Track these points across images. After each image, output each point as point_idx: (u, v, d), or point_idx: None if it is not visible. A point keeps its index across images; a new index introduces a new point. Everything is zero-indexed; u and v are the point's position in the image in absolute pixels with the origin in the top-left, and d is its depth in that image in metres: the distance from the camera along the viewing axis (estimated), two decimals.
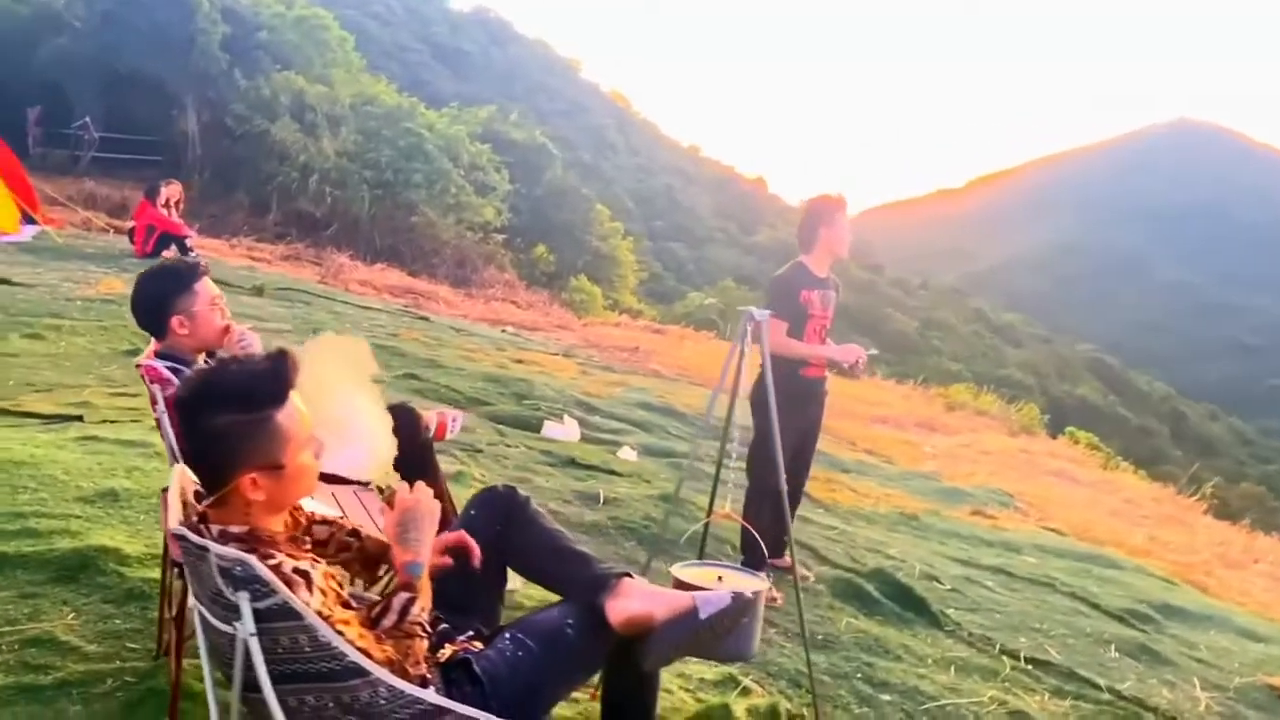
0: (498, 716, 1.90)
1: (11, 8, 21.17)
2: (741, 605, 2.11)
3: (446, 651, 2.03)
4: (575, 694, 2.65)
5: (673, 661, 2.19)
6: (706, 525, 3.46)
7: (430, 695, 1.82)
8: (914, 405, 16.52)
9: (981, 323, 65.67)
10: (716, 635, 2.13)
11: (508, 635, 2.06)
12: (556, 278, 25.12)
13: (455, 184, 21.10)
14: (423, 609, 1.89)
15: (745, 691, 3.29)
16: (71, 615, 2.90)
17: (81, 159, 21.65)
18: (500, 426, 6.63)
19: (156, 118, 22.25)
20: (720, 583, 2.88)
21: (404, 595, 1.88)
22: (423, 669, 1.85)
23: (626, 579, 2.15)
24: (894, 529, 6.57)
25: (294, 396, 1.79)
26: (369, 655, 1.74)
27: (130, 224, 11.85)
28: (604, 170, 56.26)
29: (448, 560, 2.18)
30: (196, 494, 1.85)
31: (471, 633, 2.13)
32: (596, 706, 2.42)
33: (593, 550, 2.30)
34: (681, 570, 3.00)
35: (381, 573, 2.29)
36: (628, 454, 6.70)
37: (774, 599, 4.20)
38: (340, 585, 1.83)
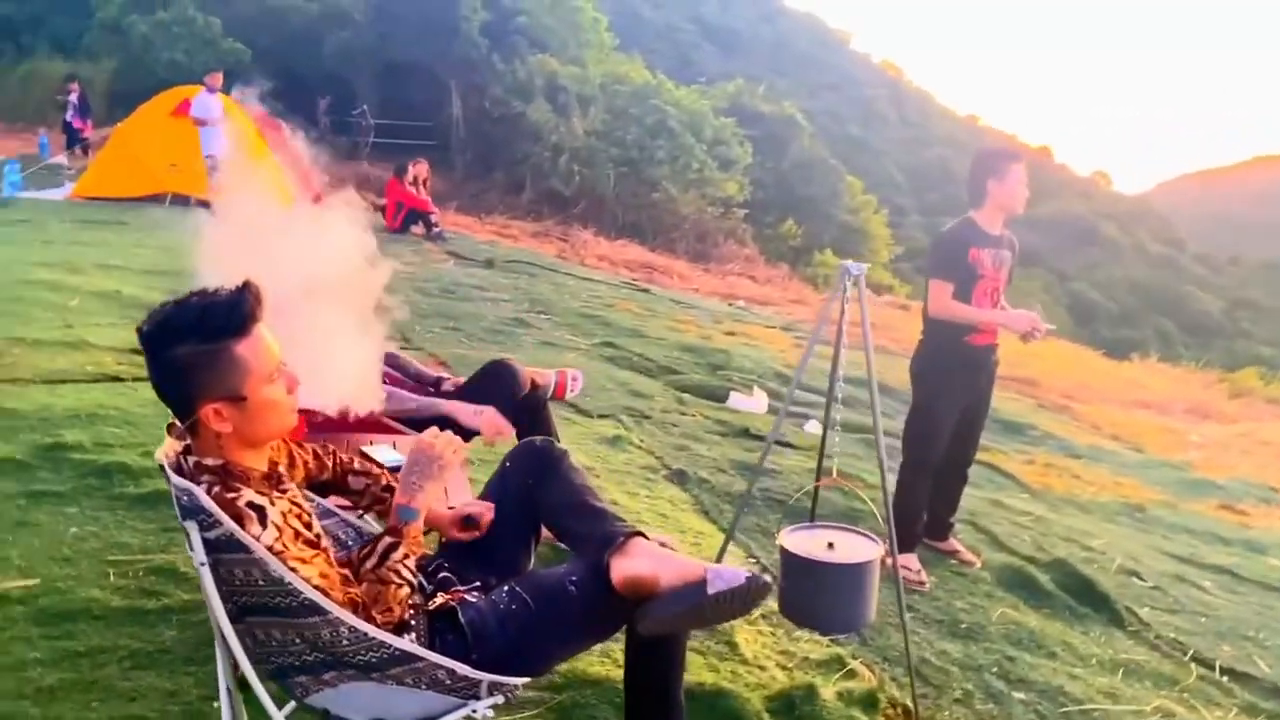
0: (476, 668, 1.85)
1: (303, 6, 23.26)
2: (756, 588, 1.93)
3: (439, 600, 1.99)
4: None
5: (672, 631, 2.03)
6: (816, 490, 3.23)
7: (395, 640, 1.79)
8: (1187, 389, 14.98)
9: None
10: (722, 613, 1.97)
11: (506, 588, 2.00)
12: (803, 252, 24.67)
13: (698, 159, 21.16)
14: (406, 555, 1.87)
15: (850, 674, 3.06)
16: None
17: (360, 144, 23.50)
18: (683, 395, 6.57)
19: (428, 104, 23.76)
20: (831, 549, 2.70)
21: (387, 540, 1.87)
22: (394, 615, 1.82)
23: (638, 539, 2.03)
24: (1111, 519, 5.97)
25: (260, 329, 1.78)
26: (327, 595, 1.73)
27: (382, 201, 12.73)
28: (873, 143, 54.61)
29: (462, 535, 2.17)
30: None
31: (478, 584, 2.09)
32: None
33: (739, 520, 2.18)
34: (789, 535, 2.83)
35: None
36: (814, 428, 6.46)
37: (921, 583, 3.90)
38: (308, 525, 1.82)
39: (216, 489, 1.70)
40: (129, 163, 12.01)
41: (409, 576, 1.87)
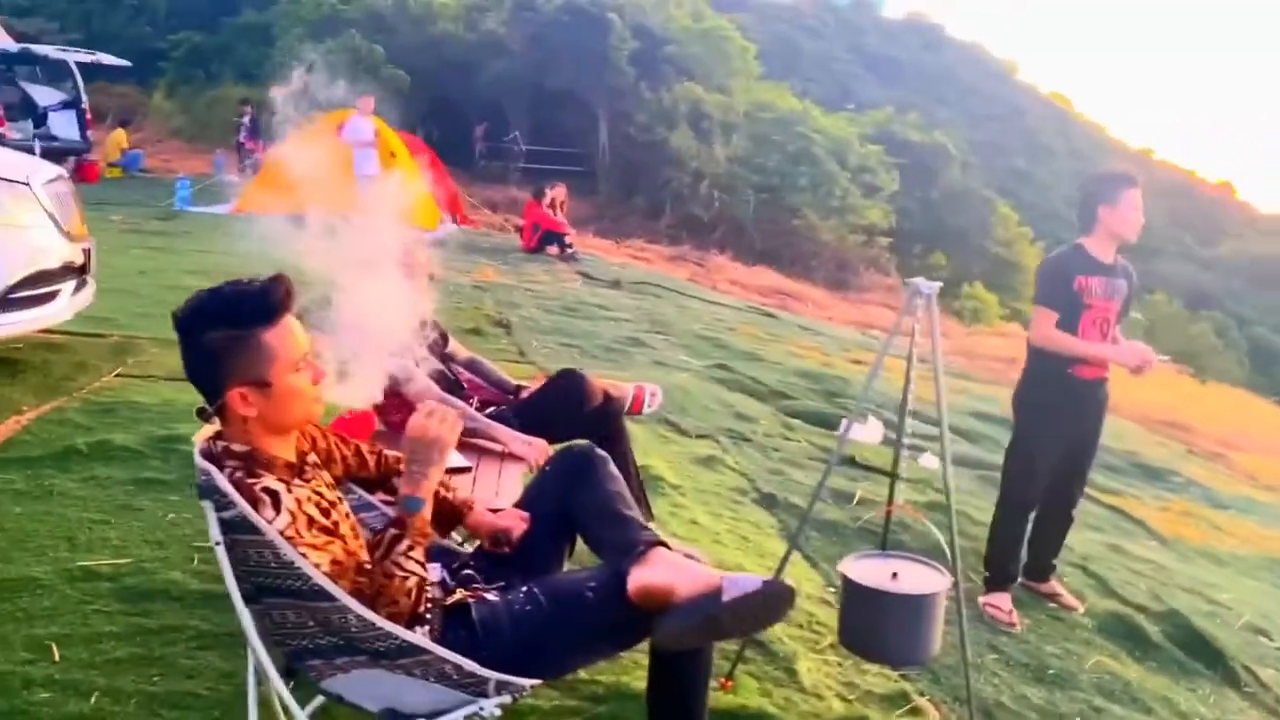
0: (484, 666, 1.86)
1: (461, 35, 24.18)
2: (774, 595, 1.88)
3: (457, 596, 2.01)
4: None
5: (689, 645, 1.99)
6: (888, 516, 3.12)
7: (401, 630, 1.82)
8: None
9: None
10: (741, 622, 1.92)
11: (524, 589, 2.01)
12: (950, 284, 23.99)
13: (841, 186, 20.93)
14: (411, 547, 1.86)
15: (914, 711, 2.93)
16: None
17: (510, 169, 24.23)
18: (793, 420, 6.47)
19: (577, 130, 24.34)
20: (895, 579, 2.63)
21: (391, 532, 1.88)
22: (399, 608, 1.83)
23: (659, 549, 2.01)
24: (1249, 575, 5.56)
25: (289, 320, 1.85)
26: (335, 581, 1.77)
27: (520, 222, 13.06)
28: (1039, 176, 52.65)
29: (493, 548, 2.20)
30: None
31: (502, 584, 2.10)
32: None
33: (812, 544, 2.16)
34: (854, 562, 2.76)
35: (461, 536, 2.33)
36: (929, 461, 6.25)
37: (1011, 624, 3.72)
38: (326, 513, 1.86)
39: (238, 474, 1.77)
40: (290, 181, 12.68)
41: (415, 569, 1.85)
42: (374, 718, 1.88)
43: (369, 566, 1.87)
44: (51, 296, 4.26)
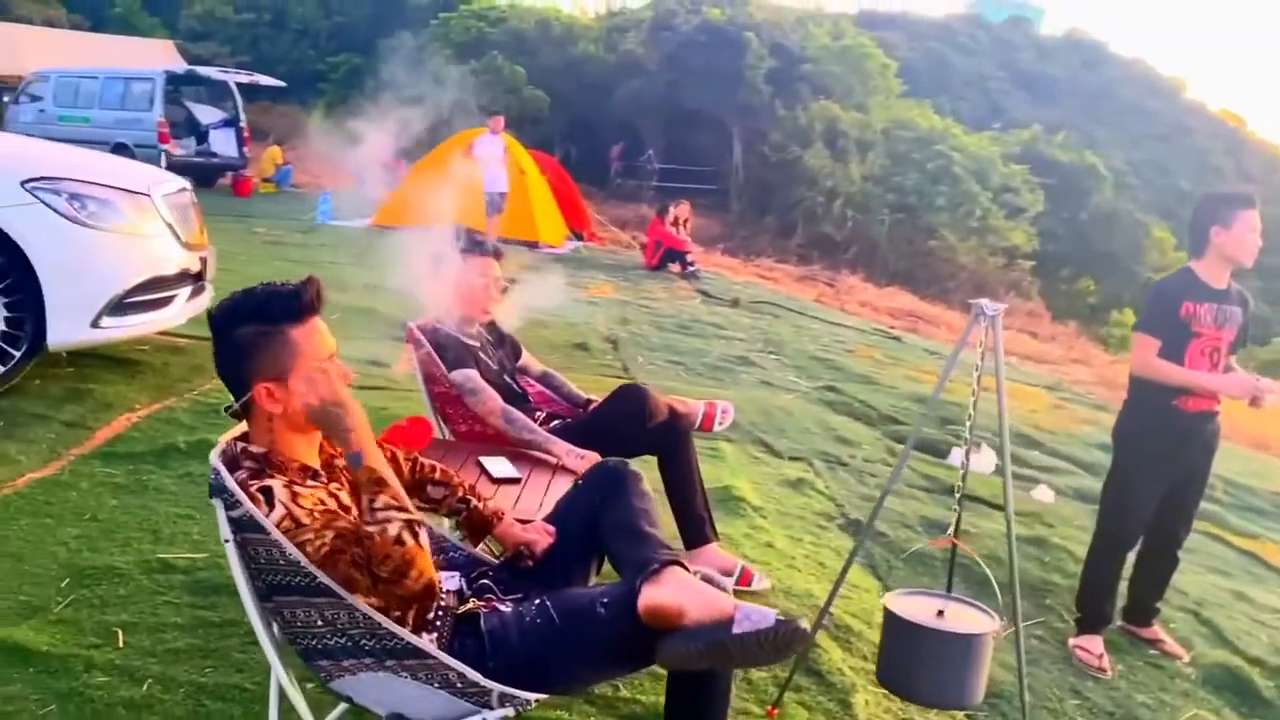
0: (489, 677, 1.86)
1: (602, 57, 24.63)
2: (786, 635, 1.82)
3: (469, 605, 2.02)
4: None
5: (690, 667, 1.93)
6: (953, 553, 2.97)
7: (405, 633, 1.83)
8: None
9: None
10: (748, 656, 1.86)
11: (537, 602, 2.00)
12: (1099, 310, 22.92)
13: (981, 206, 20.28)
14: (375, 498, 1.77)
15: None
16: None
17: (644, 188, 24.48)
18: (899, 446, 6.27)
19: (711, 149, 24.40)
20: (941, 617, 2.53)
21: (365, 497, 1.79)
22: (396, 562, 1.73)
23: (674, 568, 1.96)
24: None
25: (317, 321, 1.92)
26: (339, 557, 1.77)
27: (643, 240, 13.15)
28: None
29: (515, 561, 2.21)
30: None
31: (520, 595, 2.10)
32: None
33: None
34: (898, 597, 2.67)
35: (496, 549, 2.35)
36: (1043, 494, 5.97)
37: (1101, 669, 3.50)
38: (332, 511, 1.84)
39: (244, 475, 1.82)
40: (421, 197, 13.14)
41: (389, 515, 1.76)
42: None
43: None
44: (167, 301, 4.50)
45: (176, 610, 2.82)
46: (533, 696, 1.88)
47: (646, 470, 3.55)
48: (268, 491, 1.78)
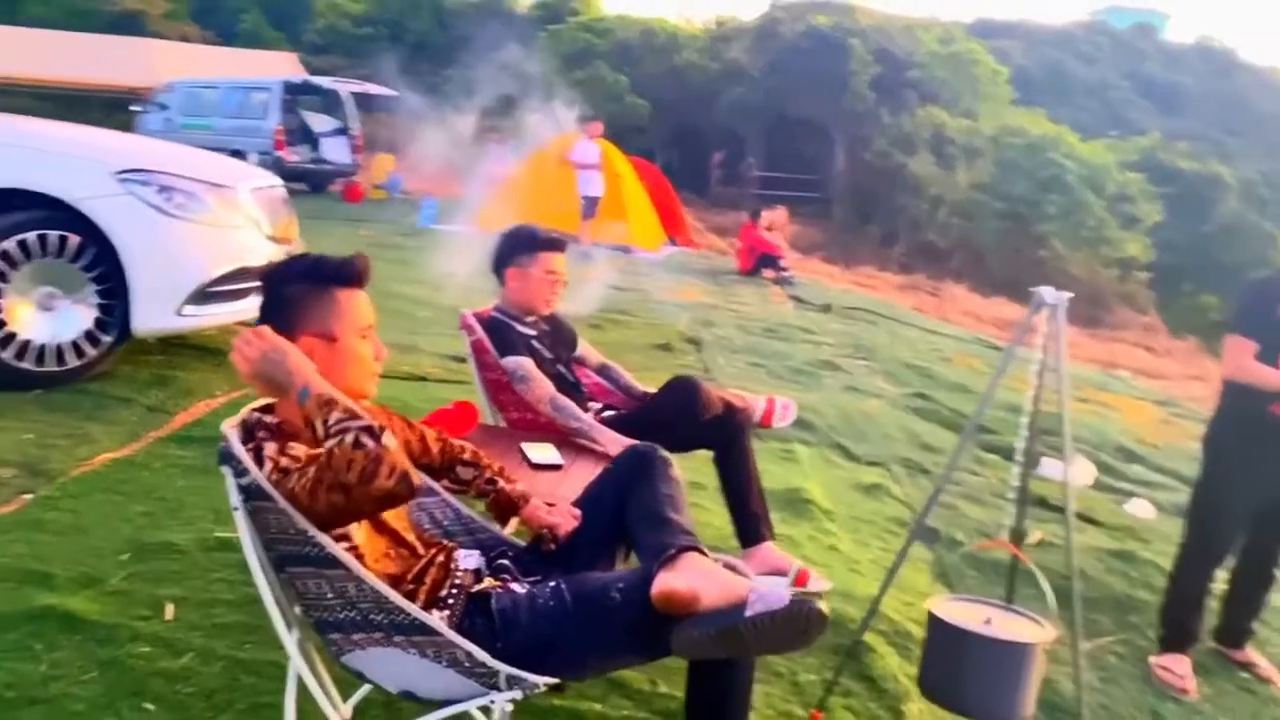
0: (496, 658, 1.83)
1: (705, 64, 24.60)
2: (801, 615, 1.74)
3: (483, 584, 1.99)
4: None
5: (707, 655, 1.86)
6: (1014, 562, 2.83)
7: (413, 608, 1.81)
8: None
9: None
10: (764, 640, 1.78)
11: (551, 584, 1.96)
12: (1221, 325, 21.78)
13: (1095, 216, 19.50)
14: (328, 419, 1.73)
15: None
16: None
17: (745, 195, 24.33)
18: (988, 455, 6.05)
19: (814, 156, 24.13)
20: (989, 625, 2.42)
21: (318, 420, 1.75)
22: (359, 471, 1.67)
23: (691, 554, 1.90)
24: None
25: (362, 294, 2.02)
26: (313, 509, 1.74)
27: (737, 245, 13.05)
28: None
29: (543, 544, 2.19)
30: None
31: (538, 578, 2.06)
32: None
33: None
34: (945, 603, 2.56)
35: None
36: (1140, 508, 5.69)
37: (1184, 690, 3.28)
38: (308, 455, 1.79)
39: (255, 443, 1.83)
40: (521, 201, 13.32)
41: (342, 426, 1.71)
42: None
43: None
44: (250, 292, 4.62)
45: (229, 587, 2.86)
46: (541, 680, 1.83)
47: (702, 465, 3.50)
48: (259, 451, 1.79)
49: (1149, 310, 20.08)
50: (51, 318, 4.22)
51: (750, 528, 3.25)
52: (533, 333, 3.28)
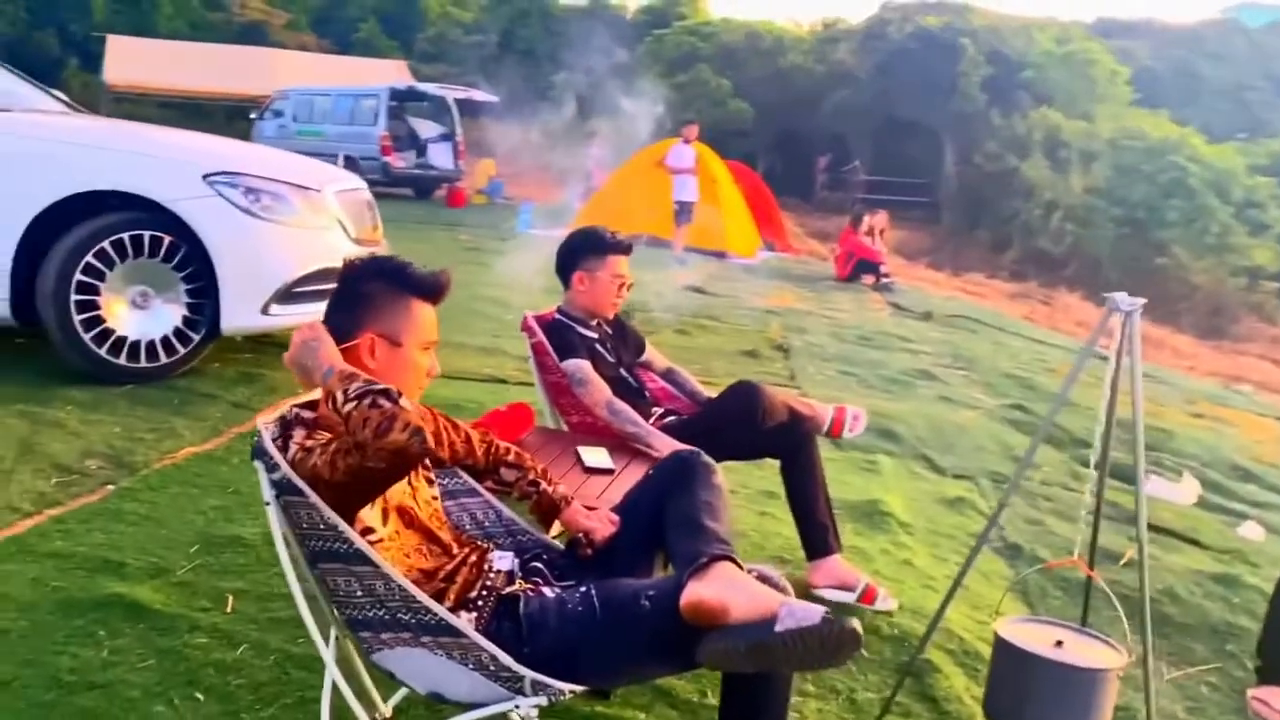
0: (521, 663, 1.80)
1: (811, 67, 24.33)
2: (833, 635, 1.66)
3: (514, 587, 1.96)
4: None
5: (734, 668, 1.80)
6: (1089, 582, 2.67)
7: (439, 609, 1.80)
8: None
9: None
10: (793, 657, 1.71)
11: (582, 589, 1.92)
12: None
13: (1219, 222, 18.54)
14: (363, 381, 1.73)
15: None
16: None
17: (851, 199, 23.97)
18: (1084, 470, 5.78)
19: (921, 160, 23.62)
20: (1059, 647, 2.30)
21: (339, 392, 1.73)
22: (374, 428, 1.65)
23: (723, 563, 1.84)
24: None
25: (434, 311, 2.04)
26: (334, 481, 1.75)
27: (836, 250, 12.84)
28: None
29: (580, 549, 2.15)
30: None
31: (572, 583, 2.02)
32: None
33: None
34: (1012, 624, 2.44)
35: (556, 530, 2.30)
36: (1251, 531, 5.36)
37: None
38: (331, 436, 1.81)
39: (281, 438, 1.84)
40: (616, 206, 13.37)
41: (367, 387, 1.70)
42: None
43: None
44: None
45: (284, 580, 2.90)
46: (566, 687, 1.79)
47: (775, 473, 3.42)
48: (288, 441, 1.82)
49: (1278, 321, 19.00)
50: (144, 315, 4.39)
51: (817, 539, 3.16)
52: (595, 335, 3.25)
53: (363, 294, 1.99)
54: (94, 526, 3.13)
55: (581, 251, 3.30)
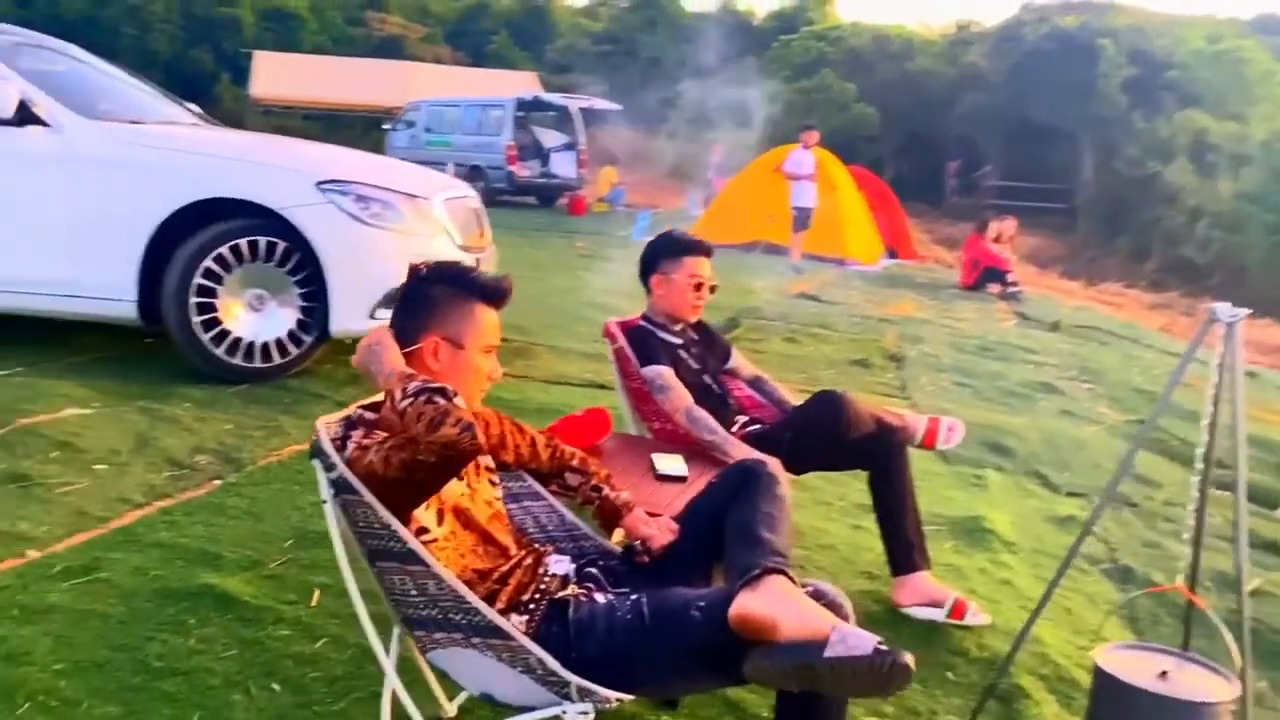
0: (567, 669, 1.80)
1: (941, 70, 23.75)
2: (885, 666, 1.61)
3: (568, 591, 1.96)
4: None
5: (779, 687, 1.75)
6: (1190, 606, 2.51)
7: (489, 611, 1.81)
8: None
9: None
10: (841, 683, 1.66)
11: (633, 597, 1.91)
12: None
13: None
14: (422, 381, 1.77)
15: None
16: None
17: (982, 205, 23.25)
18: (1216, 492, 5.44)
19: (1057, 165, 22.76)
20: (1164, 679, 2.18)
21: (398, 390, 1.77)
22: (427, 423, 1.70)
23: (776, 576, 1.79)
24: None
25: (497, 315, 2.07)
26: (387, 478, 1.80)
27: (961, 257, 12.48)
28: None
29: (637, 556, 2.15)
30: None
31: (626, 589, 2.01)
32: None
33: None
34: (1113, 652, 2.33)
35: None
36: None
37: None
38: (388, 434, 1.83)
39: (344, 438, 1.88)
40: (734, 213, 13.32)
41: (424, 386, 1.75)
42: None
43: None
44: None
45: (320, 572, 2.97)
46: (613, 694, 1.78)
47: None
48: (346, 440, 1.86)
49: None
50: (259, 318, 4.58)
51: (903, 555, 3.07)
52: (679, 341, 3.23)
53: (427, 298, 2.04)
54: (197, 519, 3.27)
55: (658, 255, 3.29)
